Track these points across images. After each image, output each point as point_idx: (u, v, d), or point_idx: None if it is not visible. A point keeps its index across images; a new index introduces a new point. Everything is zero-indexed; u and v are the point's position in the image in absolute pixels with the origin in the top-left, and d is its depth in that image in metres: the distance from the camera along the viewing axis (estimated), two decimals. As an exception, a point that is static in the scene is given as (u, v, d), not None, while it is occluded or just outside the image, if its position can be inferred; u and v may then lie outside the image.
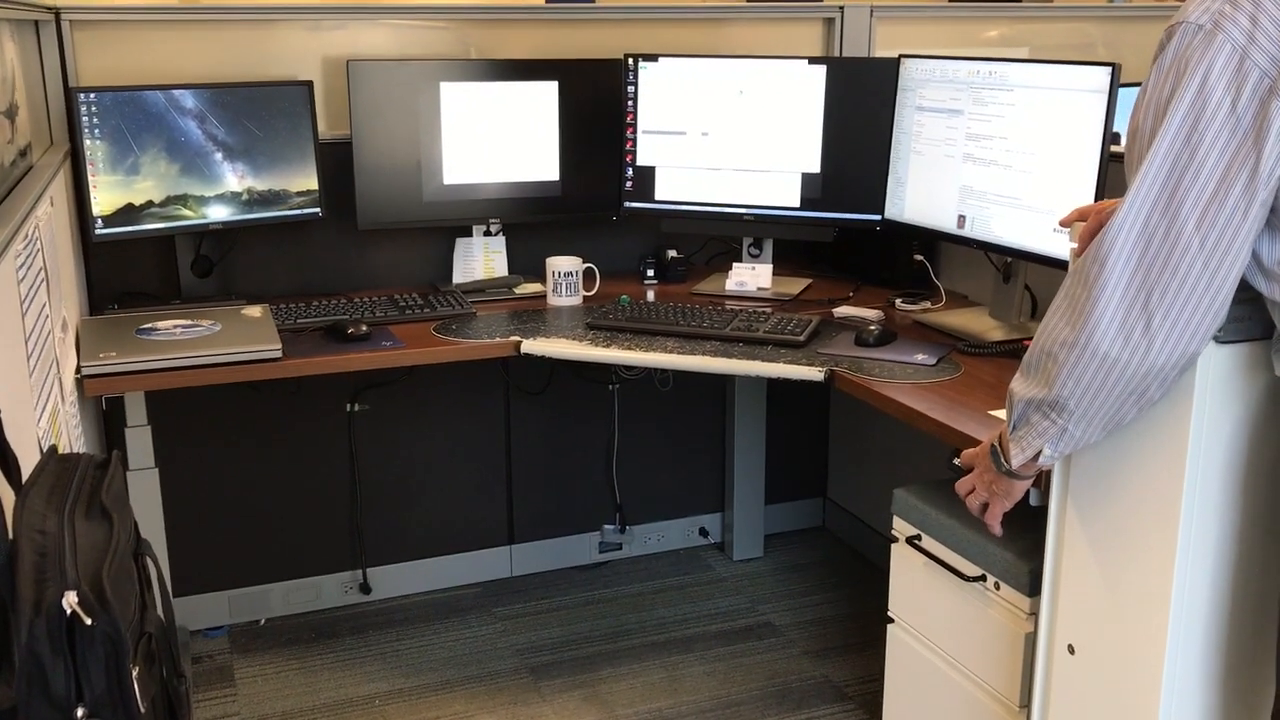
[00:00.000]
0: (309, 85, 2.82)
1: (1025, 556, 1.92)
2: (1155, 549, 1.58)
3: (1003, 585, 1.97)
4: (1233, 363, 1.52)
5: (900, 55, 2.76)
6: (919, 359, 2.42)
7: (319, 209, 2.87)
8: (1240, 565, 1.59)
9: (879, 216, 2.85)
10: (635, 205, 3.09)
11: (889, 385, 2.28)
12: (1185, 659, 1.61)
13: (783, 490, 3.60)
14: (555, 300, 2.90)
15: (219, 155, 2.74)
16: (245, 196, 2.78)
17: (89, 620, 1.18)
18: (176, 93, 2.67)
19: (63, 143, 2.67)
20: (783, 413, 3.49)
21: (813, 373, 2.40)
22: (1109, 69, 2.27)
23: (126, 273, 2.84)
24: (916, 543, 2.16)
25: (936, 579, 2.11)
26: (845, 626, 3.11)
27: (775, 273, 3.04)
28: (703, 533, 3.56)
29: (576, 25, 3.17)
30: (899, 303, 2.86)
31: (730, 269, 3.05)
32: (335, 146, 2.89)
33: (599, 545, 3.45)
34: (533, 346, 2.58)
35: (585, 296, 2.92)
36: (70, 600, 1.17)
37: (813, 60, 2.92)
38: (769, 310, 2.76)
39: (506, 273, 3.07)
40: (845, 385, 2.35)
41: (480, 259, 3.07)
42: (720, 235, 3.26)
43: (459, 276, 3.06)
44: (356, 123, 2.84)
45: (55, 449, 1.56)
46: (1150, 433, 1.57)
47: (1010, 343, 2.47)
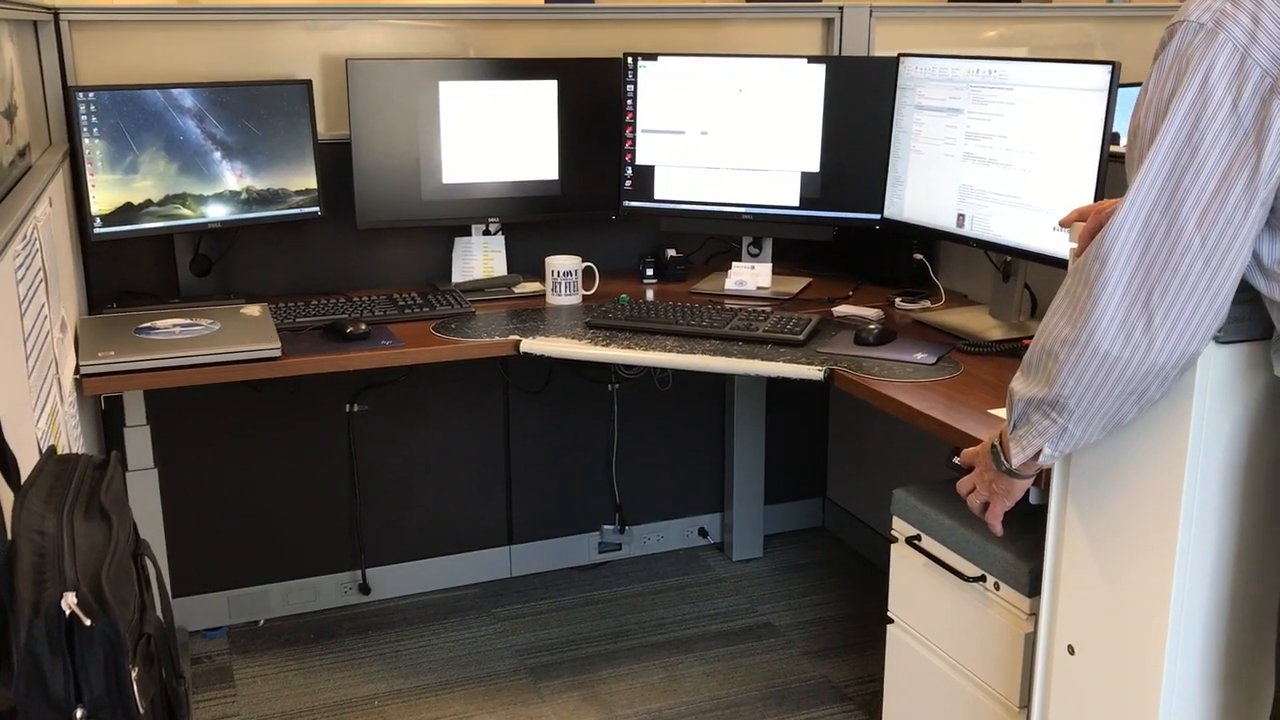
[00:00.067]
0: (308, 84, 2.82)
1: (1025, 557, 1.92)
2: (1155, 549, 1.58)
3: (1002, 585, 1.97)
4: (1233, 363, 1.52)
5: (900, 54, 2.76)
6: (918, 358, 2.42)
7: (318, 208, 2.87)
8: (1240, 565, 1.59)
9: (878, 215, 2.85)
10: (634, 204, 3.08)
11: (888, 384, 2.28)
12: (1185, 659, 1.61)
13: (782, 490, 3.60)
14: (554, 299, 2.90)
15: (218, 154, 2.73)
16: (244, 195, 2.78)
17: (88, 621, 1.18)
18: (175, 92, 2.67)
19: (61, 143, 2.67)
20: (782, 413, 3.49)
21: (812, 371, 2.40)
22: (1109, 67, 2.27)
23: (125, 272, 2.83)
24: (916, 543, 2.15)
25: (936, 579, 2.11)
26: (845, 627, 3.11)
27: (775, 272, 3.04)
28: (702, 533, 3.55)
29: (575, 25, 3.17)
30: (898, 302, 2.86)
31: (729, 268, 3.04)
32: (334, 146, 2.89)
33: (598, 545, 3.45)
34: (532, 345, 2.58)
35: (584, 296, 2.92)
36: (69, 601, 1.17)
37: (812, 59, 2.92)
38: (768, 309, 2.76)
39: (506, 272, 3.07)
40: (845, 384, 2.35)
41: (479, 258, 3.06)
42: (719, 234, 3.25)
43: (458, 276, 3.05)
44: (355, 122, 2.84)
45: (54, 449, 1.56)
46: (1150, 433, 1.57)
47: (1010, 341, 2.47)
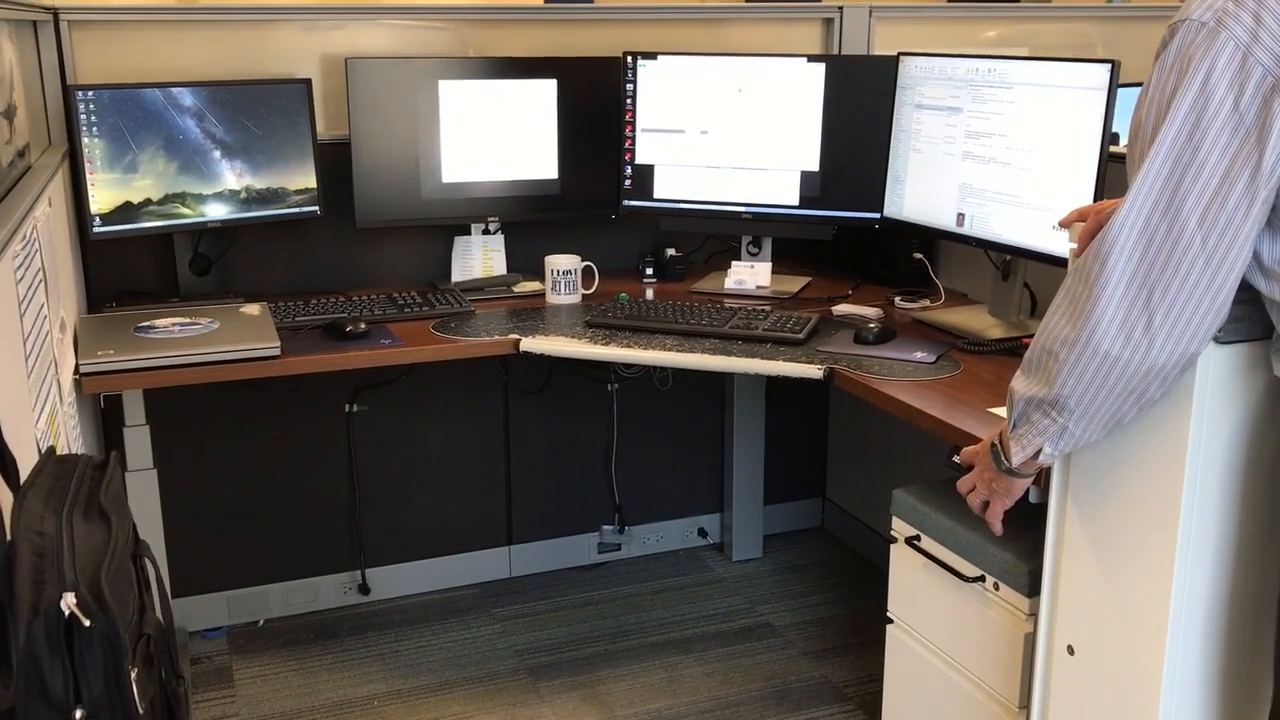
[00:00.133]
0: (307, 83, 2.81)
1: (1025, 557, 1.92)
2: (1155, 549, 1.58)
3: (1002, 586, 1.97)
4: (1233, 363, 1.52)
5: (899, 53, 2.76)
6: (918, 357, 2.42)
7: (317, 207, 2.86)
8: (1239, 565, 1.59)
9: (878, 214, 2.85)
10: (634, 203, 3.08)
11: (888, 383, 2.28)
12: (1185, 659, 1.60)
13: (782, 490, 3.60)
14: (554, 298, 2.90)
15: (217, 153, 2.73)
16: (243, 194, 2.78)
17: (87, 622, 1.17)
18: (175, 91, 2.66)
19: (61, 143, 2.66)
20: (782, 412, 3.49)
21: (812, 370, 2.39)
22: (1108, 66, 2.27)
23: (125, 271, 2.83)
24: (916, 543, 2.15)
25: (936, 579, 2.11)
26: (844, 627, 3.11)
27: (774, 271, 3.04)
28: (701, 533, 3.55)
29: (575, 25, 3.16)
30: (898, 300, 2.86)
31: (729, 267, 3.04)
32: (334, 145, 2.89)
33: (598, 546, 3.45)
34: (532, 344, 2.58)
35: (584, 295, 2.92)
36: (68, 602, 1.17)
37: (812, 58, 2.92)
38: (768, 308, 2.76)
39: (505, 271, 3.07)
40: (844, 383, 2.35)
41: (479, 257, 3.06)
42: (719, 233, 3.25)
43: (458, 275, 3.05)
44: (355, 121, 2.84)
45: (53, 450, 1.56)
46: (1150, 432, 1.57)
47: (1009, 340, 2.47)
